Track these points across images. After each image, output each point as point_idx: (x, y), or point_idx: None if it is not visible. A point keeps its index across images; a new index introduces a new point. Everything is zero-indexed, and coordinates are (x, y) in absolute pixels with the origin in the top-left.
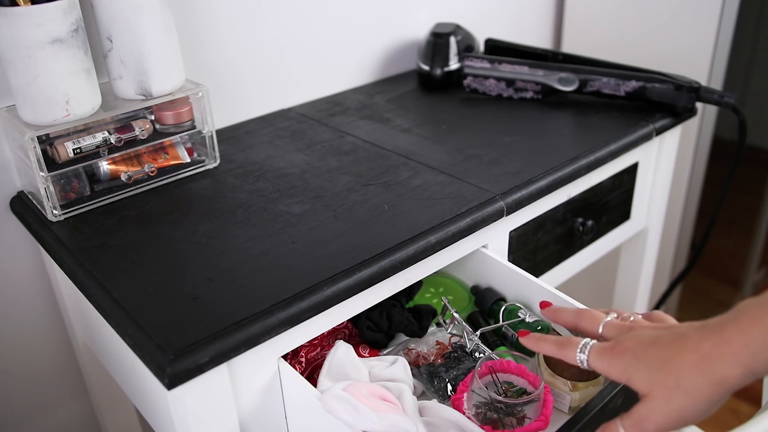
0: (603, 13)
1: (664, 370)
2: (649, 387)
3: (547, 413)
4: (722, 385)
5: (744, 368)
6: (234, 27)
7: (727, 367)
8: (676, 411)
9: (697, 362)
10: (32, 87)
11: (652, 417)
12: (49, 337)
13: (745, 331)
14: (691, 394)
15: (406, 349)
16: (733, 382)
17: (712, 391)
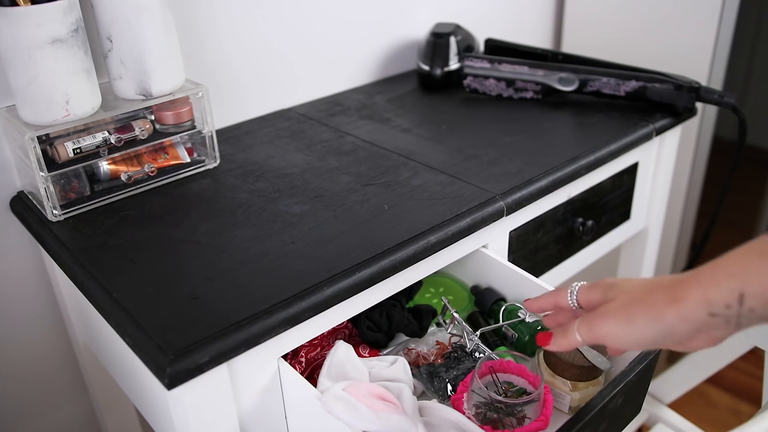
0: (603, 13)
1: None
2: (616, 295)
3: (547, 413)
4: (678, 305)
5: (702, 291)
6: (234, 27)
7: (688, 289)
8: (627, 315)
9: (669, 284)
10: (32, 87)
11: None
12: (49, 337)
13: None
14: (648, 305)
15: (406, 349)
16: (689, 304)
17: (666, 310)
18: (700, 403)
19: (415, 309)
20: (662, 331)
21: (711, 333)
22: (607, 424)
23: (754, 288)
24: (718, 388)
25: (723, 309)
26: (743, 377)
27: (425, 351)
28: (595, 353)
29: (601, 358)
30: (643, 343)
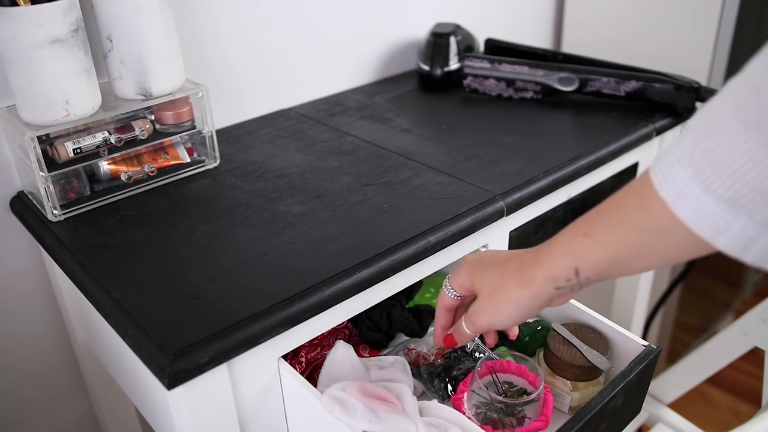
0: (603, 12)
1: (494, 272)
2: (480, 287)
3: (547, 413)
4: (530, 286)
5: (545, 272)
6: (234, 27)
7: (534, 271)
8: (494, 306)
9: (516, 268)
10: (32, 87)
11: (478, 311)
12: (49, 337)
13: (550, 244)
14: (506, 293)
15: (406, 349)
16: (538, 285)
17: (521, 293)
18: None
19: (415, 309)
20: (525, 309)
21: (563, 297)
22: (607, 424)
23: (584, 263)
24: (718, 388)
25: (565, 282)
26: (743, 377)
27: (425, 351)
28: (596, 353)
29: (601, 358)
30: (516, 321)
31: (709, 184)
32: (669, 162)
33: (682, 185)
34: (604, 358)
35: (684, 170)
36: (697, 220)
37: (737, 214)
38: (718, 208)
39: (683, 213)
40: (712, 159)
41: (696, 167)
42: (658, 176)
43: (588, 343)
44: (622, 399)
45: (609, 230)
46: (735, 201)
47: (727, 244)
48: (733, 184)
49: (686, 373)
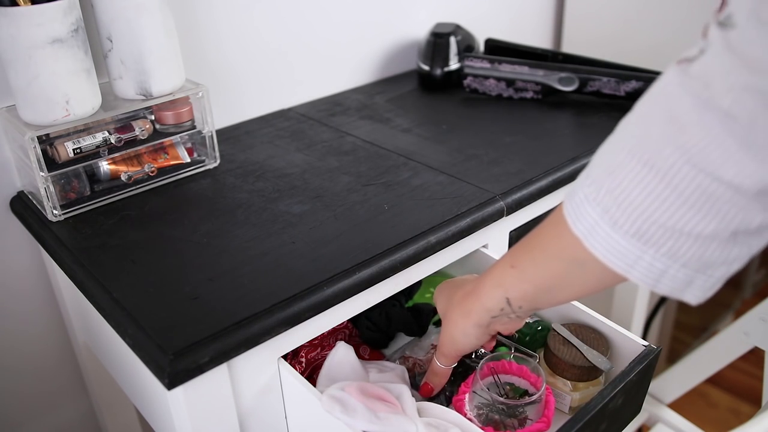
0: (603, 12)
1: (449, 302)
2: (440, 314)
3: (549, 414)
4: (469, 317)
5: (480, 303)
6: (234, 27)
7: (472, 302)
8: (450, 337)
9: (461, 299)
10: (32, 87)
11: (442, 342)
12: (49, 336)
13: (484, 276)
14: (454, 323)
15: (403, 358)
16: (475, 314)
17: (464, 323)
18: (700, 403)
19: (414, 308)
20: (474, 337)
21: (502, 325)
22: (607, 424)
23: (513, 293)
24: (718, 388)
25: (499, 312)
26: (743, 377)
27: (422, 357)
28: (596, 353)
29: (601, 359)
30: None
31: (616, 220)
32: (578, 201)
33: (592, 222)
34: (605, 359)
35: (593, 209)
36: (609, 255)
37: (645, 248)
38: (627, 243)
39: (596, 249)
40: (615, 196)
41: (602, 205)
42: (571, 215)
43: (588, 343)
44: (622, 399)
45: (533, 262)
46: (641, 236)
47: (640, 277)
48: (637, 219)
49: (686, 373)
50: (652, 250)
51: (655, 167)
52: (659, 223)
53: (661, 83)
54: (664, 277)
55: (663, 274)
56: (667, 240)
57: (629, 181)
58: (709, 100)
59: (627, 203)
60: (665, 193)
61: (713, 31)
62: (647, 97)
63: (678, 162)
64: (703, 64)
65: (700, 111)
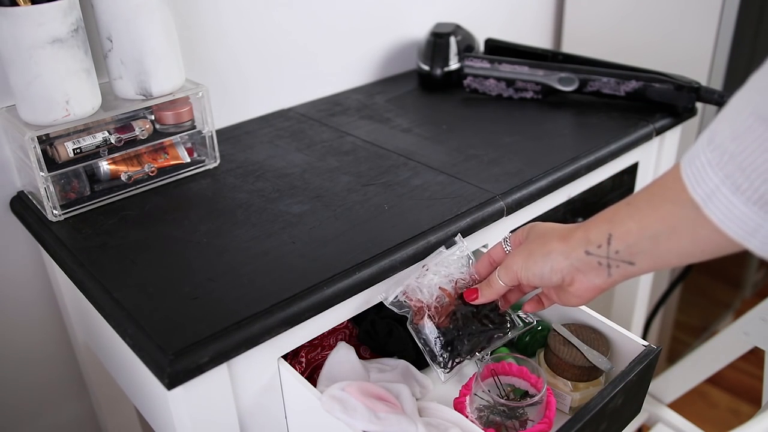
0: (603, 12)
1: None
2: (530, 235)
3: (550, 415)
4: (565, 241)
5: (583, 232)
6: (234, 27)
7: (575, 230)
8: (528, 251)
9: (564, 229)
10: (32, 87)
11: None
12: (49, 337)
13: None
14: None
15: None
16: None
17: (556, 245)
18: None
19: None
20: (549, 264)
21: (587, 275)
22: (607, 424)
23: (619, 230)
24: (718, 388)
25: (596, 249)
26: (743, 377)
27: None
28: (596, 354)
29: (602, 359)
30: (538, 275)
31: (739, 186)
32: (699, 165)
33: (713, 187)
34: (605, 359)
35: (715, 173)
36: (728, 222)
37: (767, 215)
38: (748, 210)
39: (715, 215)
40: (740, 162)
41: (725, 170)
42: (690, 179)
43: (588, 343)
44: (622, 399)
45: (648, 201)
46: (765, 203)
47: (760, 246)
48: (761, 186)
49: (686, 373)
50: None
51: None
52: None
53: None
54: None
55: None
56: None
57: (756, 147)
58: None
59: (752, 169)
60: None
61: None
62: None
63: None
64: None
65: None
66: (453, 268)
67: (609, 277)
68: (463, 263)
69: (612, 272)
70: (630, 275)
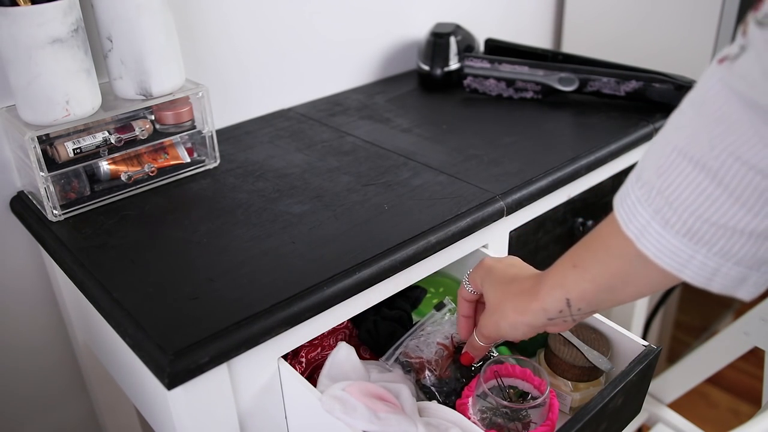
0: (603, 12)
1: (501, 290)
2: (486, 298)
3: (553, 417)
4: (524, 315)
5: (538, 304)
6: (234, 27)
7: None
8: (495, 324)
9: (517, 294)
10: (32, 87)
11: (484, 324)
12: (49, 337)
13: (543, 276)
14: (505, 316)
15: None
16: (531, 314)
17: (517, 318)
18: (700, 403)
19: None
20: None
21: (556, 327)
22: (607, 424)
23: (575, 293)
24: (718, 388)
25: (557, 314)
26: (743, 377)
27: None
28: (596, 354)
29: (602, 359)
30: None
31: (668, 220)
32: (630, 203)
33: (644, 223)
34: (605, 359)
35: (645, 210)
36: (661, 255)
37: (697, 247)
38: (678, 243)
39: (648, 249)
40: (666, 197)
41: (654, 206)
42: (623, 216)
43: (589, 343)
44: (622, 399)
45: (595, 259)
46: (693, 235)
47: (693, 276)
48: (688, 218)
49: (686, 373)
50: (705, 249)
51: (706, 167)
52: (711, 221)
53: (706, 82)
54: (716, 275)
55: (716, 272)
56: (720, 238)
57: (680, 182)
58: (755, 99)
59: (678, 203)
60: (716, 192)
61: (753, 30)
62: (693, 95)
63: (728, 160)
64: (745, 62)
65: (748, 110)
66: (446, 326)
67: (574, 322)
68: (454, 321)
69: (577, 320)
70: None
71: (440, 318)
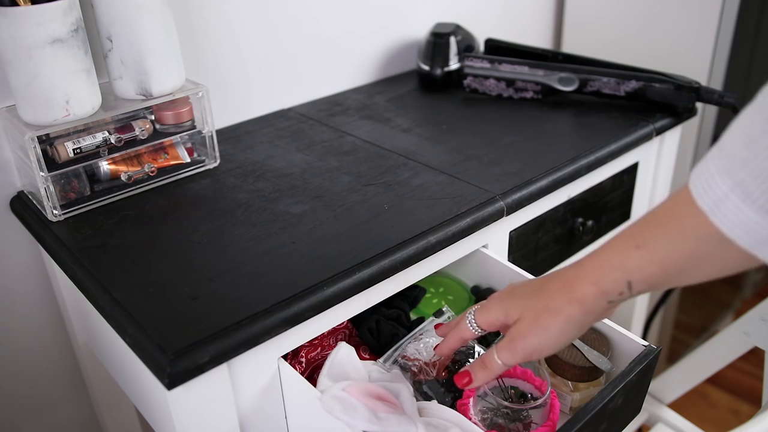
0: (603, 13)
1: (534, 296)
2: (520, 312)
3: (554, 418)
4: (581, 303)
5: (596, 287)
6: (234, 27)
7: (583, 287)
8: (542, 328)
9: (560, 287)
10: (32, 87)
11: (521, 335)
12: (49, 337)
13: (597, 258)
14: (554, 312)
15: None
16: (589, 300)
17: (572, 310)
18: (700, 403)
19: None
20: (577, 326)
21: (612, 311)
22: (607, 424)
23: (638, 276)
24: (718, 388)
25: (617, 296)
26: (743, 377)
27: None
28: (597, 354)
29: (602, 359)
30: (565, 341)
31: (750, 194)
32: (708, 173)
33: (721, 195)
34: (606, 359)
35: (723, 181)
36: (738, 231)
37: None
38: (760, 219)
39: (723, 223)
40: (752, 169)
41: (735, 178)
42: (697, 187)
43: (589, 343)
44: (622, 399)
45: (664, 240)
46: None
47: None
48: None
49: (686, 373)
50: None
51: None
52: None
53: None
54: None
55: None
56: None
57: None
58: None
59: (764, 176)
60: None
61: None
62: None
63: None
64: None
65: None
66: None
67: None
68: None
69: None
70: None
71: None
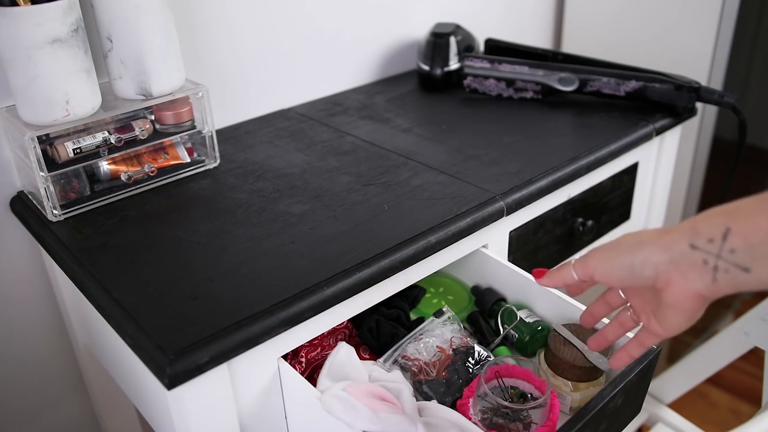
0: (603, 13)
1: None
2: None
3: (554, 418)
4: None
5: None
6: (234, 27)
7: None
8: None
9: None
10: (32, 87)
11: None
12: (49, 337)
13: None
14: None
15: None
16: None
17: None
18: (700, 403)
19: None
20: (641, 255)
21: (686, 276)
22: (607, 424)
23: (741, 225)
24: (718, 388)
25: (704, 243)
26: (743, 377)
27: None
28: (597, 354)
29: (602, 359)
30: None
31: None
32: None
33: None
34: (605, 359)
35: None
36: None
37: None
38: None
39: None
40: None
41: None
42: None
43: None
44: (622, 399)
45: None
46: None
47: None
48: None
49: (686, 373)
50: None
51: None
52: None
53: None
54: None
55: None
56: None
57: None
58: None
59: None
60: None
61: None
62: None
63: None
64: None
65: None
66: (446, 331)
67: (713, 282)
68: (455, 327)
69: (718, 277)
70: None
71: (440, 324)
